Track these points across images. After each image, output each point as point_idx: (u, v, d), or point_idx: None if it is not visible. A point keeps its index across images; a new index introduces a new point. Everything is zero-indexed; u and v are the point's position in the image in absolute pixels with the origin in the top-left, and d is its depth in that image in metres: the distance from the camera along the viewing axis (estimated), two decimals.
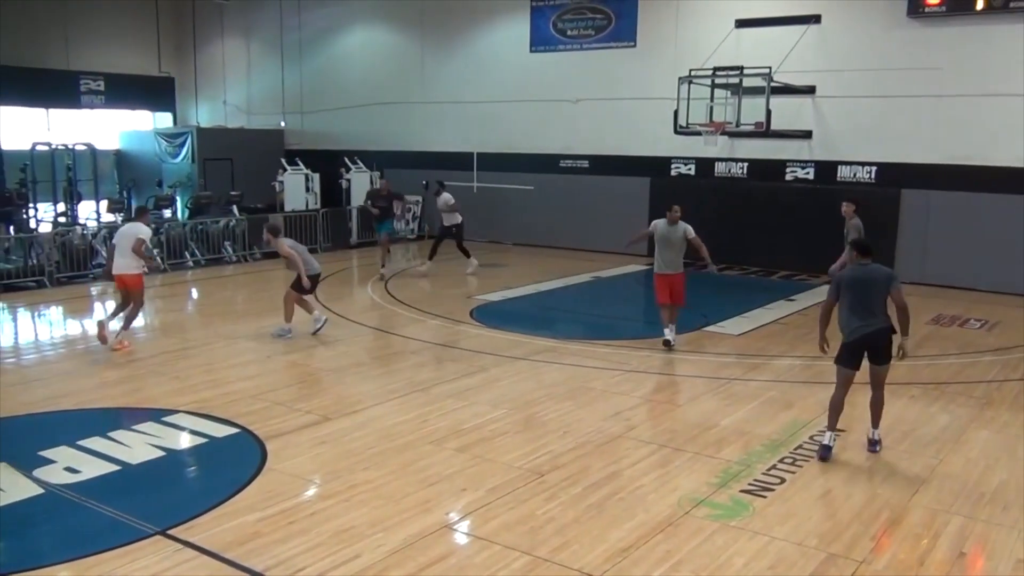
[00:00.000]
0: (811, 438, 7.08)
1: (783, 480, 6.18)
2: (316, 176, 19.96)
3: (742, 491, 5.98)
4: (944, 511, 5.73)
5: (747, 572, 4.86)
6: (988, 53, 14.31)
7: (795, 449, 6.82)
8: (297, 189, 19.38)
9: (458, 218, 15.41)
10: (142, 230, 9.82)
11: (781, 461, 6.55)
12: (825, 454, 6.61)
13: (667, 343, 10.10)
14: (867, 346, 6.53)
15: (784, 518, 5.55)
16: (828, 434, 6.70)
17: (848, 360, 6.58)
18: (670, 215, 10.08)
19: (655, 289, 10.26)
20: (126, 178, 22.98)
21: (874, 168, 15.61)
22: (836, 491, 6.02)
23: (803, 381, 8.96)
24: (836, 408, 6.68)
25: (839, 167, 15.92)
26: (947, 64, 14.64)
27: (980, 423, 7.59)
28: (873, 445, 6.83)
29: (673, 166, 17.65)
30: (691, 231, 10.01)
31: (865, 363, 6.62)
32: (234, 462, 6.55)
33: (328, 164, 20.84)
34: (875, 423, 6.83)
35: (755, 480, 6.17)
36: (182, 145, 22.21)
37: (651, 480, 6.16)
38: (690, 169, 17.52)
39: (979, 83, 14.41)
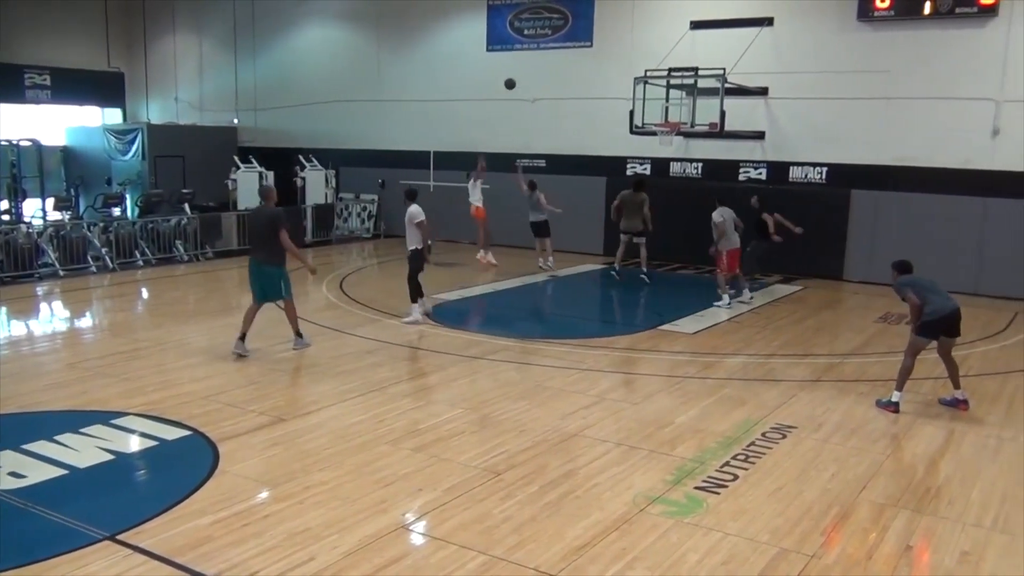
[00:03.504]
0: (763, 435, 7.19)
1: (736, 477, 6.27)
2: (270, 174, 19.71)
3: (696, 488, 6.05)
4: (891, 506, 5.86)
5: (701, 568, 4.91)
6: (934, 57, 14.66)
7: (748, 446, 6.92)
8: (250, 187, 19.09)
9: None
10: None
11: (734, 458, 6.64)
12: (895, 409, 7.86)
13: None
14: (956, 320, 7.84)
15: (737, 514, 5.63)
16: (896, 393, 7.93)
17: (935, 333, 7.82)
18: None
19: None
20: (74, 175, 22.47)
21: (825, 169, 15.90)
22: (787, 487, 6.11)
23: (756, 379, 9.09)
24: (909, 372, 7.93)
25: (791, 168, 16.19)
26: (895, 67, 14.97)
27: (926, 419, 7.78)
28: (964, 403, 7.97)
29: (629, 166, 17.78)
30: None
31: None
32: (185, 465, 6.44)
33: (282, 162, 20.60)
34: (957, 385, 8.04)
35: (709, 477, 6.25)
36: (132, 142, 21.77)
37: (607, 478, 6.20)
38: (646, 169, 17.67)
39: (925, 86, 14.76)
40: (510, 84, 15.52)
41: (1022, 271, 14.09)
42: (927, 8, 14.43)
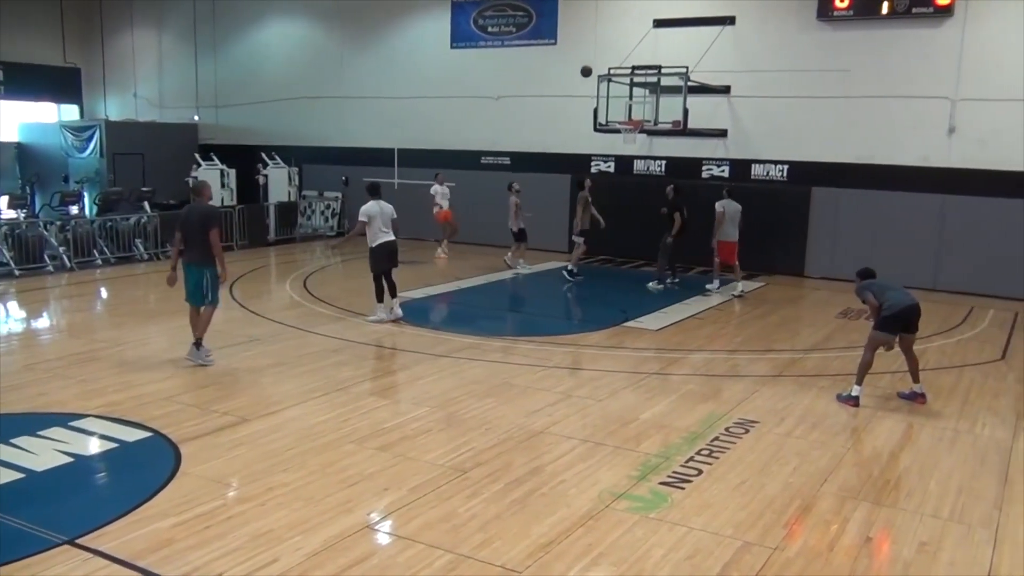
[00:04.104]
0: (726, 430, 7.26)
1: (700, 472, 6.32)
2: (232, 172, 19.49)
3: (661, 483, 6.09)
4: (852, 498, 5.95)
5: (666, 562, 4.95)
6: (892, 56, 14.92)
7: (712, 441, 6.99)
8: (212, 185, 18.88)
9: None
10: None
11: (698, 453, 6.70)
12: (855, 403, 7.98)
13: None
14: (914, 315, 7.97)
15: (701, 509, 5.68)
16: (856, 387, 8.05)
17: (894, 328, 7.94)
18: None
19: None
20: (29, 172, 22.04)
21: (786, 166, 16.10)
22: (750, 481, 6.18)
23: (720, 375, 9.18)
24: (869, 367, 8.08)
25: (753, 165, 16.37)
26: (854, 66, 15.20)
27: (885, 412, 7.91)
28: (922, 397, 8.12)
29: (593, 163, 17.86)
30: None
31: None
32: (146, 467, 6.34)
33: (244, 159, 20.37)
34: (916, 379, 8.18)
35: (674, 472, 6.30)
36: (90, 139, 21.40)
37: (572, 475, 6.22)
38: (610, 166, 17.76)
39: (884, 85, 15.01)
40: (586, 72, 15.27)
41: (978, 267, 14.41)
42: (885, 8, 14.68)
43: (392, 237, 10.97)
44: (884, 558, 5.19)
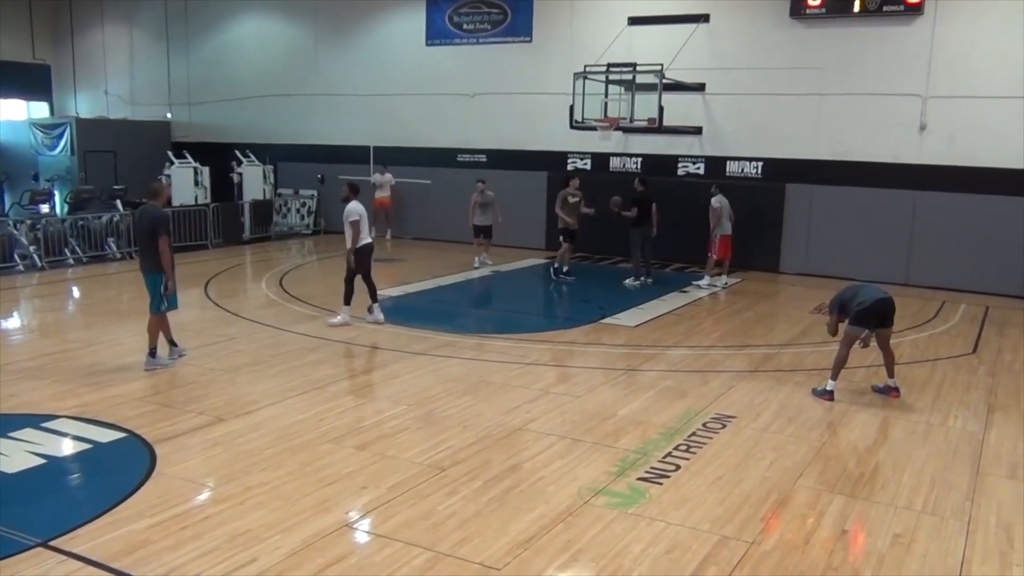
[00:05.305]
0: (704, 425, 7.31)
1: (678, 467, 6.36)
2: (206, 170, 19.31)
3: (639, 479, 6.11)
4: (827, 491, 6.01)
5: (644, 557, 4.97)
6: (864, 54, 15.06)
7: (689, 436, 7.03)
8: (185, 183, 18.72)
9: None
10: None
11: (676, 449, 6.74)
12: (830, 398, 8.07)
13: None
14: (886, 309, 8.00)
15: (679, 504, 5.71)
16: (831, 382, 8.14)
17: (867, 321, 7.97)
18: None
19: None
20: None
21: (761, 163, 16.21)
22: (727, 476, 6.22)
23: (696, 370, 9.24)
24: (844, 362, 8.15)
25: (728, 162, 16.47)
26: (827, 64, 15.33)
27: (859, 406, 7.99)
28: (896, 391, 8.21)
29: (570, 161, 17.89)
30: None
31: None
32: (121, 468, 6.27)
33: (218, 157, 20.19)
34: (891, 374, 8.26)
35: (652, 468, 6.32)
36: (60, 137, 21.13)
37: (551, 471, 6.23)
38: (586, 164, 17.79)
39: (856, 82, 15.15)
40: (616, 204, 15.04)
41: (949, 262, 14.59)
42: (856, 6, 14.83)
43: (371, 239, 11.02)
44: (859, 550, 5.25)
